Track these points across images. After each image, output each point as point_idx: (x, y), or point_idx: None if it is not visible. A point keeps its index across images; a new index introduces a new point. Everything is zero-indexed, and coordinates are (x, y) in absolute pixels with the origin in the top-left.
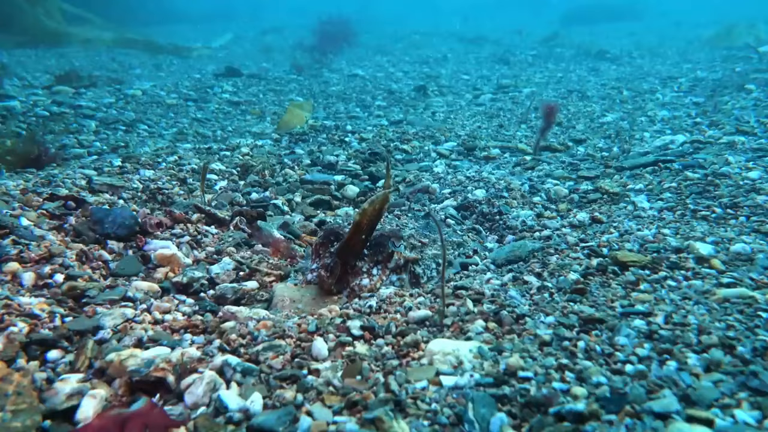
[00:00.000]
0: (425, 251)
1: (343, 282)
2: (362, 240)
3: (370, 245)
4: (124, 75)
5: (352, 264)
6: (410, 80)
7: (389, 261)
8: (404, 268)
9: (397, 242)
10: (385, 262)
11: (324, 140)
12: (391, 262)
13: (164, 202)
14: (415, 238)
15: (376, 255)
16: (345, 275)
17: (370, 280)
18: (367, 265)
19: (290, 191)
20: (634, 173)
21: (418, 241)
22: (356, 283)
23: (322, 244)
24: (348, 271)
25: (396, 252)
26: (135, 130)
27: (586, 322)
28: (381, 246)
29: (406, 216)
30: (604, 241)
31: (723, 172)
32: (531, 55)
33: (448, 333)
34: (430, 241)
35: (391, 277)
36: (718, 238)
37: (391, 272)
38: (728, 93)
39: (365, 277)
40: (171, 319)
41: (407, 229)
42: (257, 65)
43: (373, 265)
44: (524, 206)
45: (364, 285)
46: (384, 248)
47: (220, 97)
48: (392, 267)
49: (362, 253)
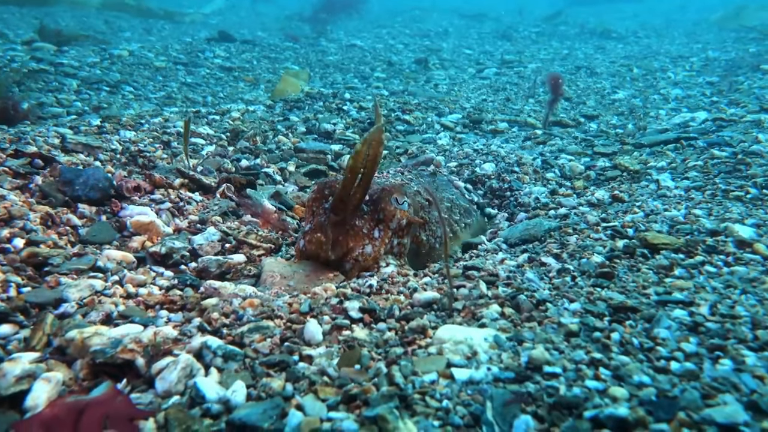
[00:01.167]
0: (432, 212)
1: (342, 246)
2: (360, 191)
3: (370, 200)
4: (112, 37)
5: (352, 223)
6: (410, 53)
7: (391, 221)
8: (406, 230)
9: (401, 198)
10: (386, 222)
11: (321, 108)
12: (393, 222)
13: (145, 166)
14: (421, 196)
15: (376, 213)
16: (345, 237)
17: (373, 246)
18: (368, 225)
19: (283, 159)
20: (654, 150)
21: (425, 199)
22: (360, 252)
23: (315, 199)
24: (347, 231)
25: (399, 210)
26: (120, 92)
27: (617, 311)
28: (381, 203)
29: (410, 172)
30: (628, 221)
31: (754, 150)
32: (534, 32)
33: (458, 318)
34: (438, 200)
35: (393, 240)
36: (759, 220)
37: (394, 234)
38: (743, 73)
39: (367, 243)
40: (146, 294)
41: (413, 184)
42: (252, 33)
43: (375, 225)
44: (537, 182)
45: (368, 253)
46: (386, 205)
47: (211, 62)
48: (394, 228)
49: (361, 208)
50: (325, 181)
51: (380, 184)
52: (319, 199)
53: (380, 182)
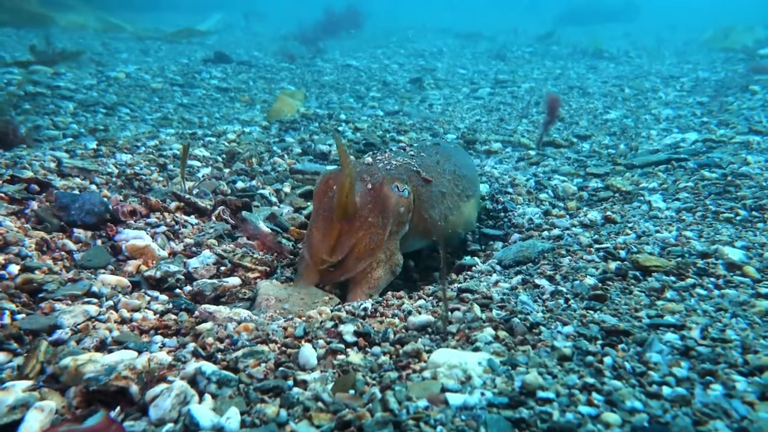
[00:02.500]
0: (432, 188)
1: (345, 247)
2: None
3: (372, 188)
4: (109, 58)
5: (354, 216)
6: (405, 72)
7: (392, 209)
8: (406, 216)
9: (401, 186)
10: (388, 210)
11: (316, 129)
12: (394, 210)
13: (141, 189)
14: (419, 178)
15: (378, 201)
16: (347, 239)
17: (375, 235)
18: (371, 215)
19: (279, 181)
20: (646, 171)
21: (422, 179)
22: (363, 242)
23: (319, 192)
24: (350, 227)
25: (400, 198)
26: (116, 114)
27: (610, 334)
28: (383, 191)
29: (412, 148)
30: (620, 242)
31: (743, 172)
32: (527, 52)
33: (453, 342)
34: (437, 174)
35: (393, 227)
36: (749, 242)
37: (394, 221)
38: (732, 93)
39: (369, 232)
40: (140, 318)
41: (413, 162)
42: (248, 53)
43: (377, 213)
44: (530, 203)
45: (370, 242)
46: (388, 193)
47: (208, 83)
48: (395, 215)
49: (364, 197)
50: (329, 174)
51: (381, 173)
52: (324, 191)
53: (381, 168)
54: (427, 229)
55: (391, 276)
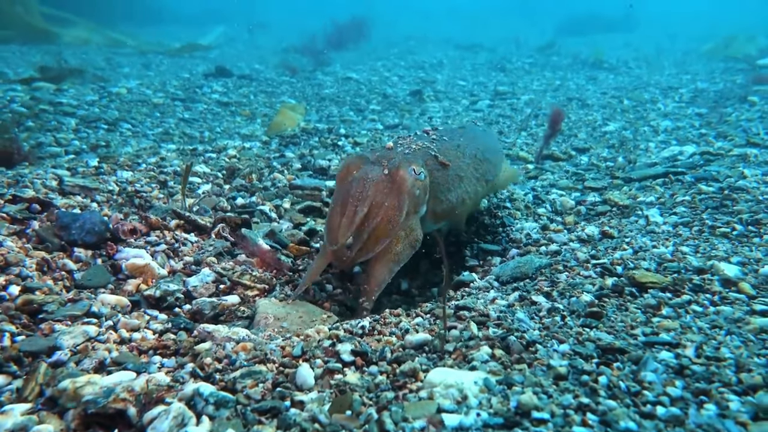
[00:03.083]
0: (449, 172)
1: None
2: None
3: (389, 172)
4: (111, 73)
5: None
6: (405, 85)
7: (408, 191)
8: (423, 198)
9: (418, 169)
10: (404, 192)
11: (316, 143)
12: (410, 192)
13: (141, 206)
14: (436, 162)
15: (395, 183)
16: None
17: (392, 217)
18: (388, 197)
19: (278, 197)
20: (644, 185)
21: (439, 163)
22: (380, 223)
23: (341, 177)
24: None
25: (417, 181)
26: (118, 129)
27: (606, 352)
28: (400, 172)
29: (436, 131)
30: (617, 258)
31: (740, 186)
32: (527, 63)
33: (449, 361)
34: (456, 158)
35: (410, 208)
36: (744, 258)
37: (411, 202)
38: (731, 104)
39: (387, 213)
40: (139, 338)
41: (433, 146)
42: (249, 66)
43: (394, 195)
44: (528, 218)
45: (388, 222)
46: (405, 175)
47: (209, 97)
48: (411, 197)
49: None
50: (350, 158)
51: (399, 157)
52: (345, 176)
53: (399, 152)
54: (443, 212)
55: (411, 250)
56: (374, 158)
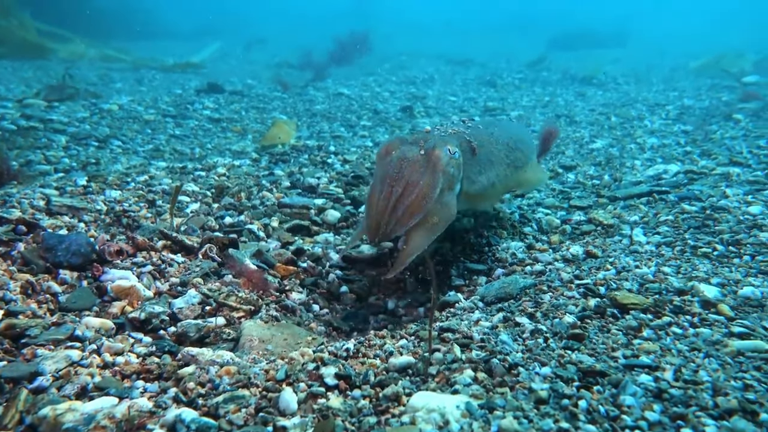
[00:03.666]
0: (481, 156)
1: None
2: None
3: (425, 151)
4: (103, 88)
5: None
6: (396, 100)
7: (443, 168)
8: (457, 177)
9: (453, 149)
10: (438, 169)
11: (305, 161)
12: (444, 169)
13: (129, 226)
14: (469, 146)
15: (430, 160)
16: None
17: (425, 191)
18: (423, 174)
19: (267, 215)
20: (629, 204)
21: (471, 147)
22: (415, 196)
23: (380, 155)
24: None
25: (452, 159)
26: (108, 146)
27: (586, 375)
28: (435, 151)
29: (471, 121)
30: (600, 278)
31: (721, 205)
32: (518, 78)
33: (433, 384)
34: (488, 144)
35: (445, 184)
36: (724, 279)
37: (445, 179)
38: (716, 122)
39: (421, 188)
40: (123, 362)
41: (467, 132)
42: (242, 81)
43: (429, 172)
44: (514, 237)
45: (422, 195)
46: (440, 154)
47: (200, 113)
48: (445, 173)
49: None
50: (390, 141)
51: (436, 137)
52: (384, 155)
53: (436, 134)
54: (475, 192)
55: (445, 224)
56: (412, 140)
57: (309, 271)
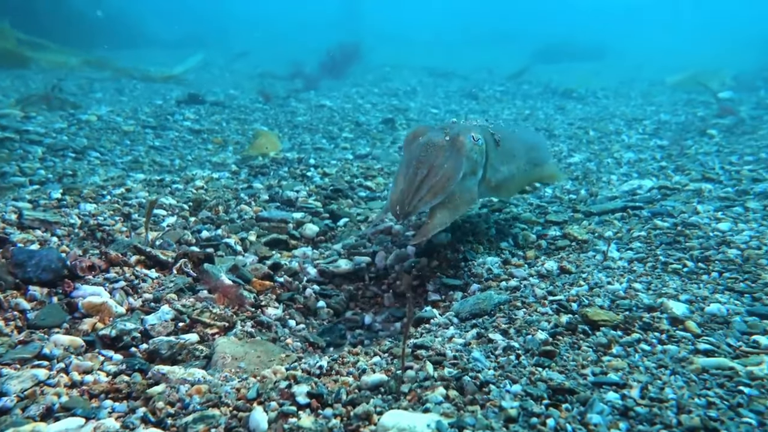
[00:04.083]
0: (503, 148)
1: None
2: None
3: (450, 138)
4: (83, 99)
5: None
6: (378, 112)
7: (466, 153)
8: (480, 163)
9: (476, 136)
10: (462, 153)
11: (285, 174)
12: (468, 154)
13: (104, 240)
14: (492, 138)
15: (454, 145)
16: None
17: (449, 172)
18: (448, 158)
19: (245, 229)
20: (603, 219)
21: (495, 140)
22: (438, 178)
23: (407, 141)
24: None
25: (475, 145)
26: (86, 158)
27: (556, 393)
28: (459, 137)
29: (493, 123)
30: (573, 294)
31: (693, 222)
32: (499, 91)
33: (404, 402)
34: (511, 140)
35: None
36: (692, 296)
37: (468, 163)
38: (691, 137)
39: (445, 169)
40: (92, 381)
41: (491, 127)
42: (224, 92)
43: (454, 155)
44: (491, 252)
45: (446, 175)
46: (463, 139)
47: (180, 124)
48: (468, 158)
49: (442, 143)
50: (418, 127)
51: (460, 125)
52: (411, 140)
53: (461, 124)
54: (496, 181)
55: (467, 206)
56: (438, 127)
57: (286, 286)
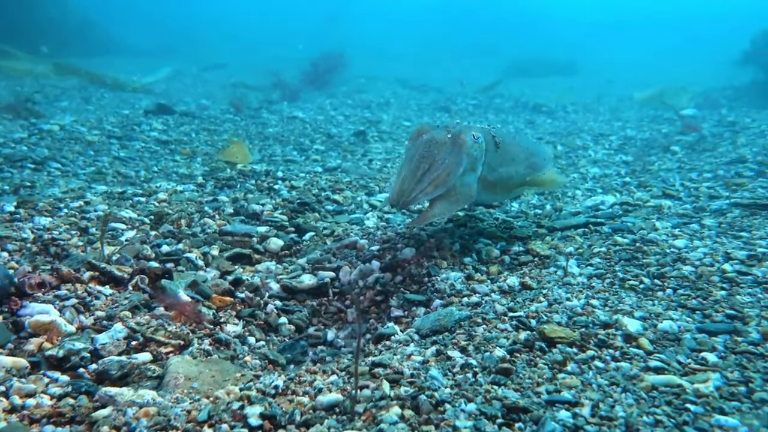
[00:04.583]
0: (503, 150)
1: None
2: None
3: (452, 135)
4: (47, 107)
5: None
6: (351, 125)
7: (467, 150)
8: (479, 160)
9: (477, 135)
10: (463, 150)
11: (252, 187)
12: (468, 151)
13: (58, 255)
14: (493, 140)
15: (456, 142)
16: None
17: (451, 167)
18: (449, 154)
19: (207, 243)
20: (566, 235)
21: (495, 142)
22: (439, 173)
23: (412, 138)
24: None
25: (476, 144)
26: (45, 169)
27: (510, 411)
28: (461, 135)
29: (494, 128)
30: (532, 311)
31: (651, 238)
32: (471, 104)
33: (359, 423)
34: (511, 144)
35: (468, 164)
36: (646, 313)
37: (468, 159)
38: (655, 153)
39: (447, 165)
40: (33, 405)
41: (492, 129)
42: (196, 102)
43: (455, 152)
44: (454, 267)
45: (447, 170)
46: (464, 137)
47: (147, 135)
48: (469, 155)
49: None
50: (422, 125)
51: (462, 125)
52: (416, 137)
53: (463, 124)
54: (493, 180)
55: (465, 201)
56: (441, 126)
57: (246, 302)
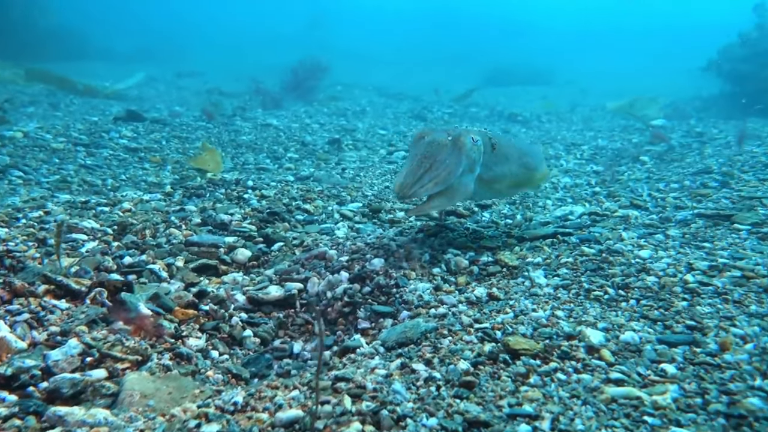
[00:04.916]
0: (499, 152)
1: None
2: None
3: (452, 137)
4: (13, 114)
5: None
6: (326, 132)
7: (466, 152)
8: (478, 161)
9: (476, 138)
10: (462, 152)
11: (221, 196)
12: (468, 153)
13: (13, 268)
14: (490, 142)
15: (456, 144)
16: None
17: (451, 168)
18: (449, 156)
19: (172, 254)
20: (534, 245)
21: (492, 144)
22: (439, 173)
23: (415, 139)
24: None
25: (474, 146)
26: (6, 177)
27: (471, 426)
28: (461, 138)
29: (490, 132)
30: (498, 322)
31: (617, 249)
32: (447, 113)
33: None
34: (507, 146)
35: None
36: (609, 324)
37: (467, 160)
38: (625, 163)
39: (447, 166)
40: None
41: (489, 132)
42: (168, 108)
43: (455, 154)
44: (423, 278)
45: (446, 171)
46: (464, 139)
47: (116, 142)
48: (468, 157)
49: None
50: (423, 128)
51: (461, 128)
52: (418, 139)
53: (462, 127)
54: (488, 178)
55: (463, 197)
56: (442, 129)
57: (210, 315)
